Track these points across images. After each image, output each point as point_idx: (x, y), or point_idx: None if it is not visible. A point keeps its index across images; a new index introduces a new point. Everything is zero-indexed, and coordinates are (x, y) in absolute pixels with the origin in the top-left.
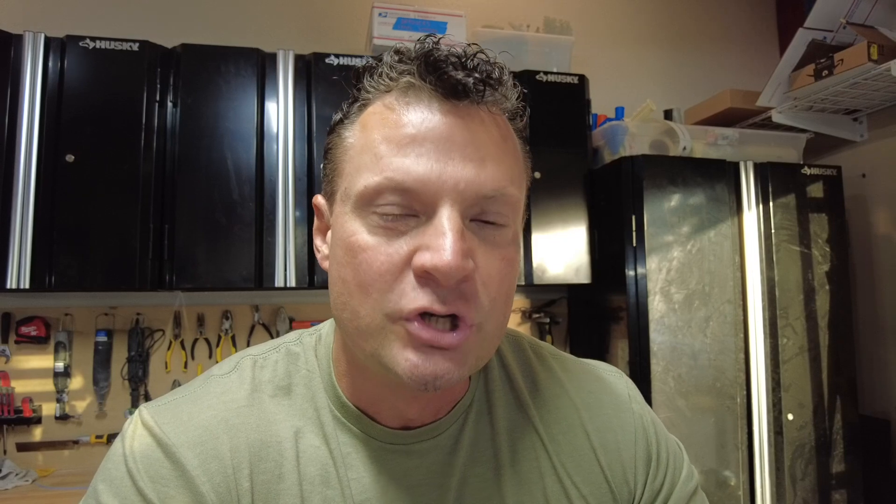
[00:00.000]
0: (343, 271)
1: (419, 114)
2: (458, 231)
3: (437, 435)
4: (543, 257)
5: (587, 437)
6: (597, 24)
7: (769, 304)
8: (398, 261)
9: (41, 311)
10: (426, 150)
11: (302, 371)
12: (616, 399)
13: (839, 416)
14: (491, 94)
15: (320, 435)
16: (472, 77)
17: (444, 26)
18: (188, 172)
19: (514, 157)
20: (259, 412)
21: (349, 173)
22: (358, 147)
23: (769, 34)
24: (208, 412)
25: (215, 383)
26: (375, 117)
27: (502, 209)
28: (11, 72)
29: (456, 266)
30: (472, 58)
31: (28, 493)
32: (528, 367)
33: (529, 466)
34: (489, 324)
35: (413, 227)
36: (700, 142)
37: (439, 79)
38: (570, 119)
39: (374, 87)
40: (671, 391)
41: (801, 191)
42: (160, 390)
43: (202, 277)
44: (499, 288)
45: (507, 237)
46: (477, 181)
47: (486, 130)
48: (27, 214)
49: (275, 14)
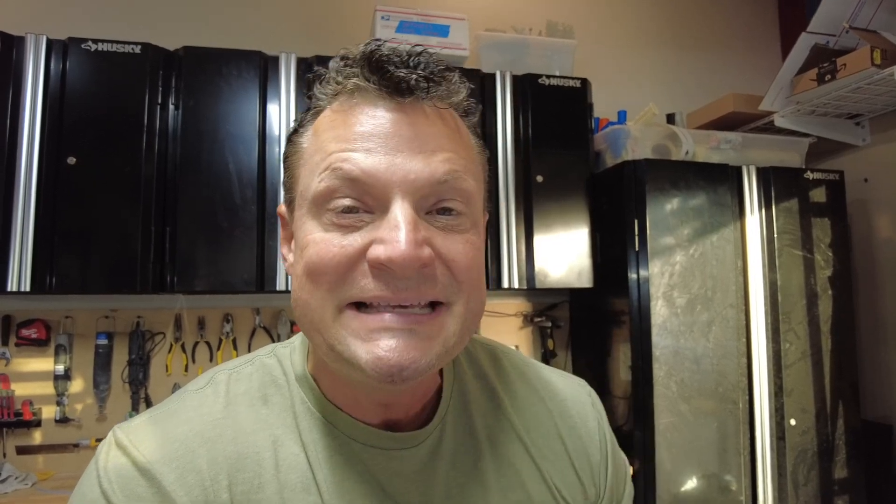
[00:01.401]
0: (298, 268)
1: (366, 112)
2: (411, 222)
3: (419, 444)
4: (545, 261)
5: (562, 442)
6: (600, 27)
7: (771, 308)
8: (352, 252)
9: (42, 314)
10: (374, 144)
11: (278, 381)
12: (582, 407)
13: (841, 421)
14: (435, 89)
15: (299, 442)
16: (416, 74)
17: (447, 30)
18: (190, 175)
19: (466, 149)
20: (235, 424)
21: (304, 176)
22: (310, 151)
23: (771, 38)
24: (184, 426)
25: (190, 398)
26: (326, 121)
27: (457, 196)
28: (13, 74)
29: (410, 256)
30: (414, 56)
31: (28, 497)
32: (504, 375)
33: (513, 471)
34: (460, 304)
35: (368, 223)
36: (702, 146)
37: (383, 77)
38: (572, 123)
39: (324, 93)
40: (673, 396)
41: (804, 195)
42: (161, 393)
43: (203, 280)
44: (465, 271)
45: (467, 225)
46: (426, 171)
47: (432, 124)
48: (28, 217)
49: (277, 17)
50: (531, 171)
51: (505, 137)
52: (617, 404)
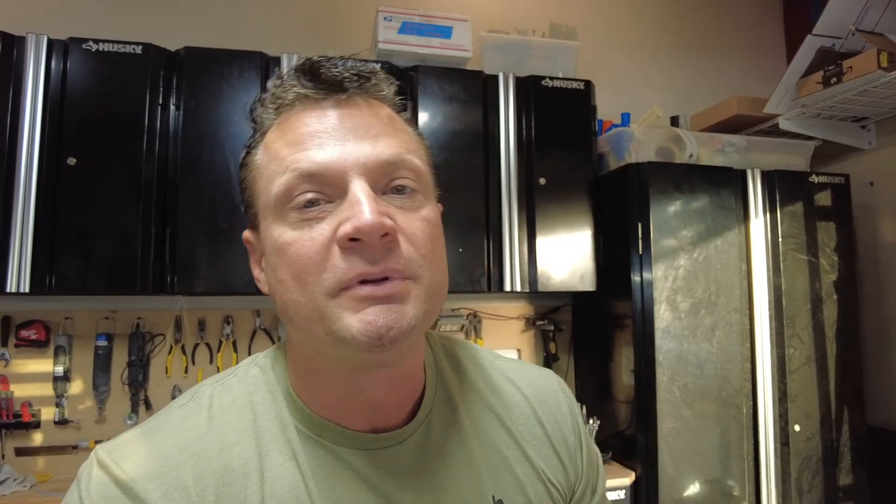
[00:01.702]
0: (278, 273)
1: (309, 114)
2: (370, 195)
3: (404, 440)
4: (548, 264)
5: (541, 426)
6: (603, 29)
7: (776, 313)
8: (324, 241)
9: (41, 315)
10: (323, 140)
11: (262, 391)
12: (553, 392)
13: (846, 427)
14: (366, 84)
15: (288, 451)
16: (347, 72)
17: (450, 31)
18: (190, 176)
19: (406, 134)
20: (220, 437)
21: (263, 188)
22: (265, 163)
23: (776, 40)
24: (168, 442)
25: (173, 414)
26: (274, 133)
27: (408, 174)
28: (14, 73)
29: (375, 222)
30: (342, 59)
31: (26, 500)
32: (480, 367)
33: (501, 457)
34: (425, 277)
35: (330, 211)
36: (706, 148)
37: (318, 81)
38: (575, 125)
39: (268, 113)
40: (676, 401)
41: (809, 199)
42: (161, 395)
43: (204, 282)
44: (426, 244)
45: (421, 201)
46: (375, 152)
47: (371, 114)
48: (28, 217)
49: (279, 17)
50: (534, 174)
51: (507, 139)
52: (619, 408)
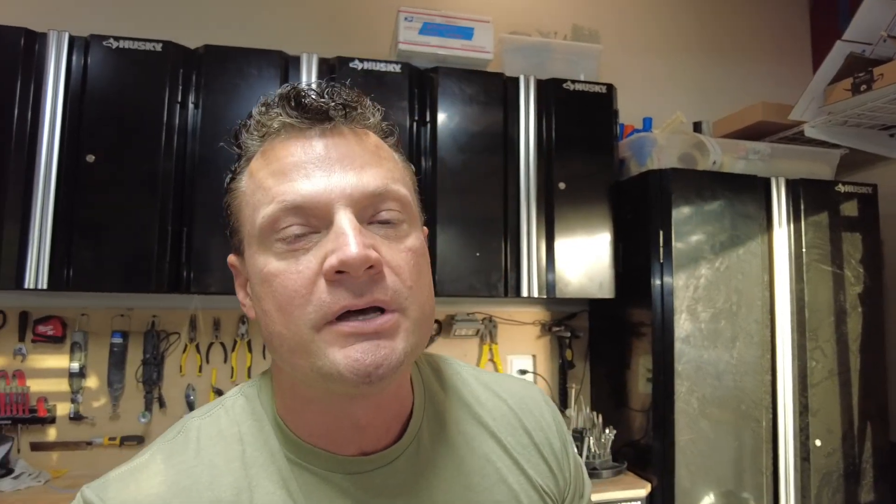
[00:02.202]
0: (263, 303)
1: (295, 144)
2: (355, 227)
3: (394, 459)
4: (566, 269)
5: (529, 435)
6: (626, 32)
7: (798, 325)
8: (310, 275)
9: (58, 311)
10: (308, 170)
11: (249, 420)
12: (536, 402)
13: (869, 443)
14: (352, 113)
15: (277, 480)
16: (333, 101)
17: (471, 32)
18: (207, 175)
19: (392, 162)
20: (210, 468)
21: (248, 216)
22: (250, 191)
23: (802, 46)
24: (157, 478)
25: (162, 449)
26: (259, 161)
27: (393, 205)
28: (35, 70)
29: (360, 255)
30: (328, 87)
31: (40, 496)
32: (466, 382)
33: (493, 468)
34: (412, 309)
35: (316, 242)
36: (729, 155)
37: (304, 110)
38: (596, 129)
39: (252, 139)
40: (694, 411)
41: (835, 208)
42: (175, 394)
43: (219, 281)
44: (411, 275)
45: (406, 231)
46: (360, 183)
47: (356, 143)
48: (47, 213)
49: (299, 17)
50: (553, 178)
51: (527, 143)
52: (634, 417)
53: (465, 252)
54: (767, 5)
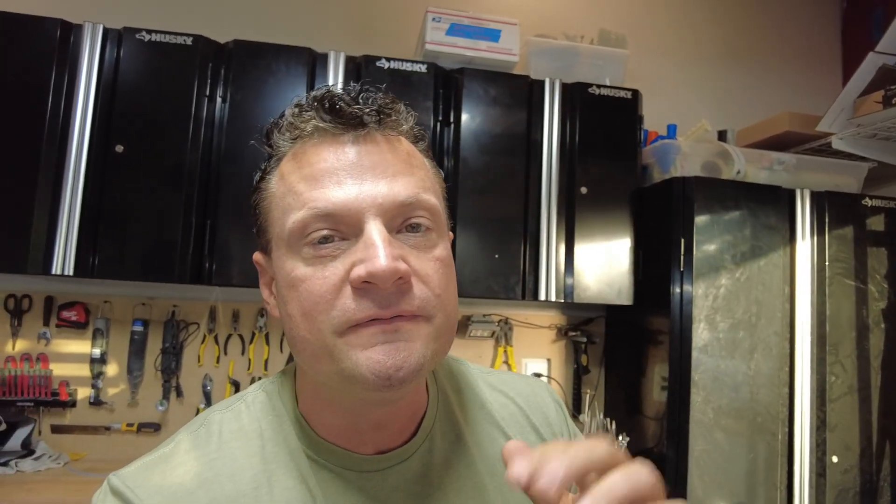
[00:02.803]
0: (288, 307)
1: (328, 149)
2: (385, 239)
3: (409, 457)
4: (585, 274)
5: (536, 432)
6: (653, 38)
7: (818, 338)
8: (336, 281)
9: (82, 297)
10: (340, 177)
11: (269, 416)
12: (543, 399)
13: (888, 461)
14: (385, 119)
15: (296, 475)
16: (367, 107)
17: (498, 34)
18: (233, 168)
19: (423, 170)
20: (231, 462)
21: (277, 218)
22: (280, 194)
23: (832, 56)
24: (180, 469)
25: (184, 441)
26: (290, 164)
27: (423, 214)
28: (70, 60)
29: (389, 268)
30: (363, 93)
31: (59, 478)
32: (475, 381)
33: (503, 468)
34: (438, 317)
35: (345, 249)
36: (754, 165)
37: (338, 115)
38: (620, 134)
39: (284, 140)
40: (710, 422)
41: (860, 222)
42: (192, 384)
43: (240, 274)
44: (440, 284)
45: (434, 240)
46: (391, 193)
47: (389, 151)
48: (76, 202)
49: (328, 14)
50: (576, 182)
51: (551, 146)
52: (648, 425)
53: (483, 253)
54: (798, 15)
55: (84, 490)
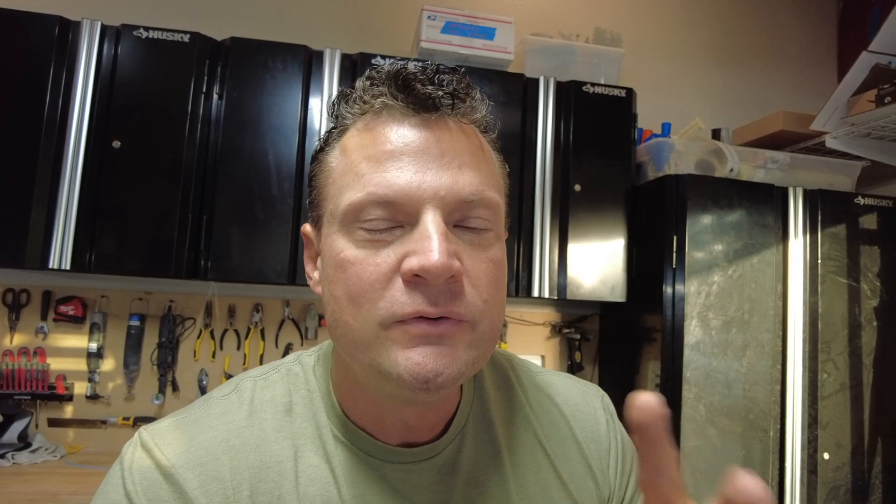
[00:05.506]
0: (334, 288)
1: (395, 130)
2: (442, 233)
3: (436, 454)
4: (579, 272)
5: (577, 445)
6: (648, 37)
7: (811, 336)
8: (387, 270)
9: (80, 292)
10: (404, 163)
11: (301, 391)
12: (593, 410)
13: (879, 459)
14: (459, 106)
15: (322, 454)
16: (441, 90)
17: (493, 32)
18: (230, 165)
19: (489, 164)
20: (259, 432)
21: (333, 195)
22: (340, 169)
23: (828, 55)
24: (209, 433)
25: (215, 405)
26: (354, 140)
27: (483, 213)
28: (68, 57)
29: (443, 264)
30: (439, 73)
31: (55, 470)
32: (522, 383)
33: (534, 478)
34: (483, 324)
35: (399, 236)
36: (748, 163)
37: (410, 95)
38: (614, 132)
39: (351, 112)
40: (702, 419)
41: (853, 221)
42: (188, 378)
43: (236, 269)
44: (489, 288)
45: (491, 240)
46: (455, 187)
47: (458, 140)
48: (73, 197)
49: (324, 12)
50: (569, 180)
51: (545, 144)
52: None
53: None
54: (794, 14)
55: (80, 482)
